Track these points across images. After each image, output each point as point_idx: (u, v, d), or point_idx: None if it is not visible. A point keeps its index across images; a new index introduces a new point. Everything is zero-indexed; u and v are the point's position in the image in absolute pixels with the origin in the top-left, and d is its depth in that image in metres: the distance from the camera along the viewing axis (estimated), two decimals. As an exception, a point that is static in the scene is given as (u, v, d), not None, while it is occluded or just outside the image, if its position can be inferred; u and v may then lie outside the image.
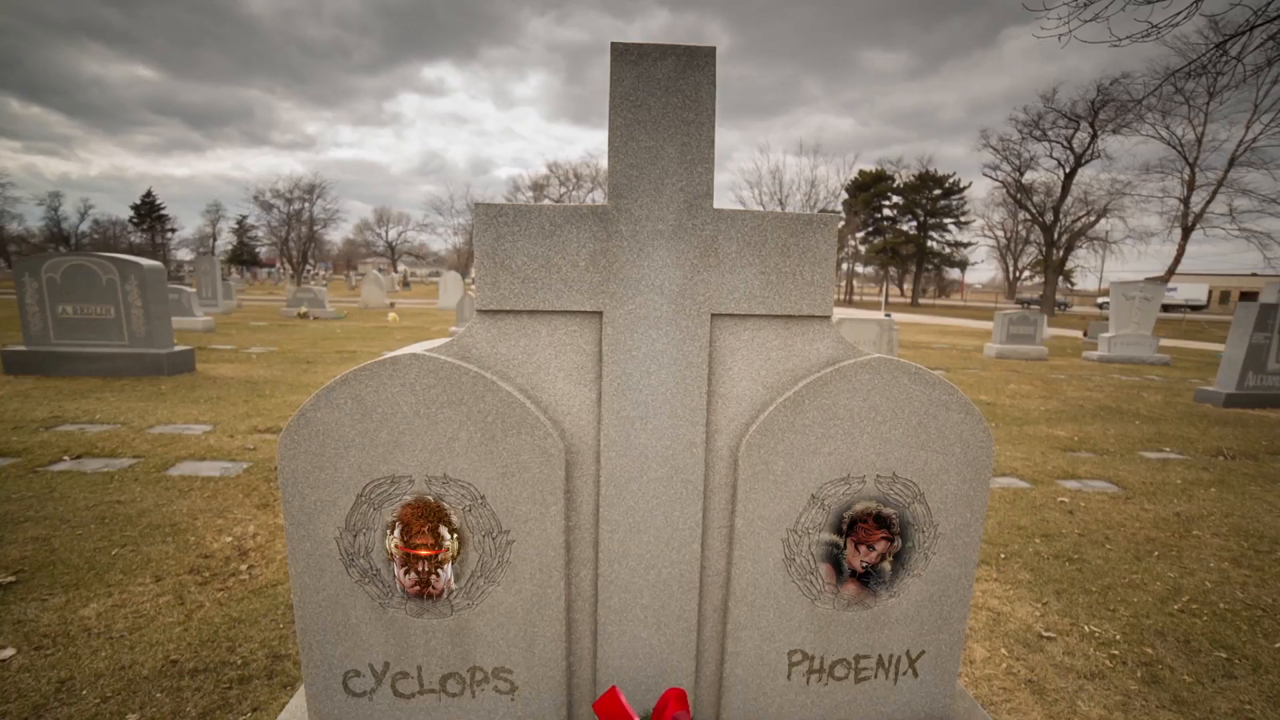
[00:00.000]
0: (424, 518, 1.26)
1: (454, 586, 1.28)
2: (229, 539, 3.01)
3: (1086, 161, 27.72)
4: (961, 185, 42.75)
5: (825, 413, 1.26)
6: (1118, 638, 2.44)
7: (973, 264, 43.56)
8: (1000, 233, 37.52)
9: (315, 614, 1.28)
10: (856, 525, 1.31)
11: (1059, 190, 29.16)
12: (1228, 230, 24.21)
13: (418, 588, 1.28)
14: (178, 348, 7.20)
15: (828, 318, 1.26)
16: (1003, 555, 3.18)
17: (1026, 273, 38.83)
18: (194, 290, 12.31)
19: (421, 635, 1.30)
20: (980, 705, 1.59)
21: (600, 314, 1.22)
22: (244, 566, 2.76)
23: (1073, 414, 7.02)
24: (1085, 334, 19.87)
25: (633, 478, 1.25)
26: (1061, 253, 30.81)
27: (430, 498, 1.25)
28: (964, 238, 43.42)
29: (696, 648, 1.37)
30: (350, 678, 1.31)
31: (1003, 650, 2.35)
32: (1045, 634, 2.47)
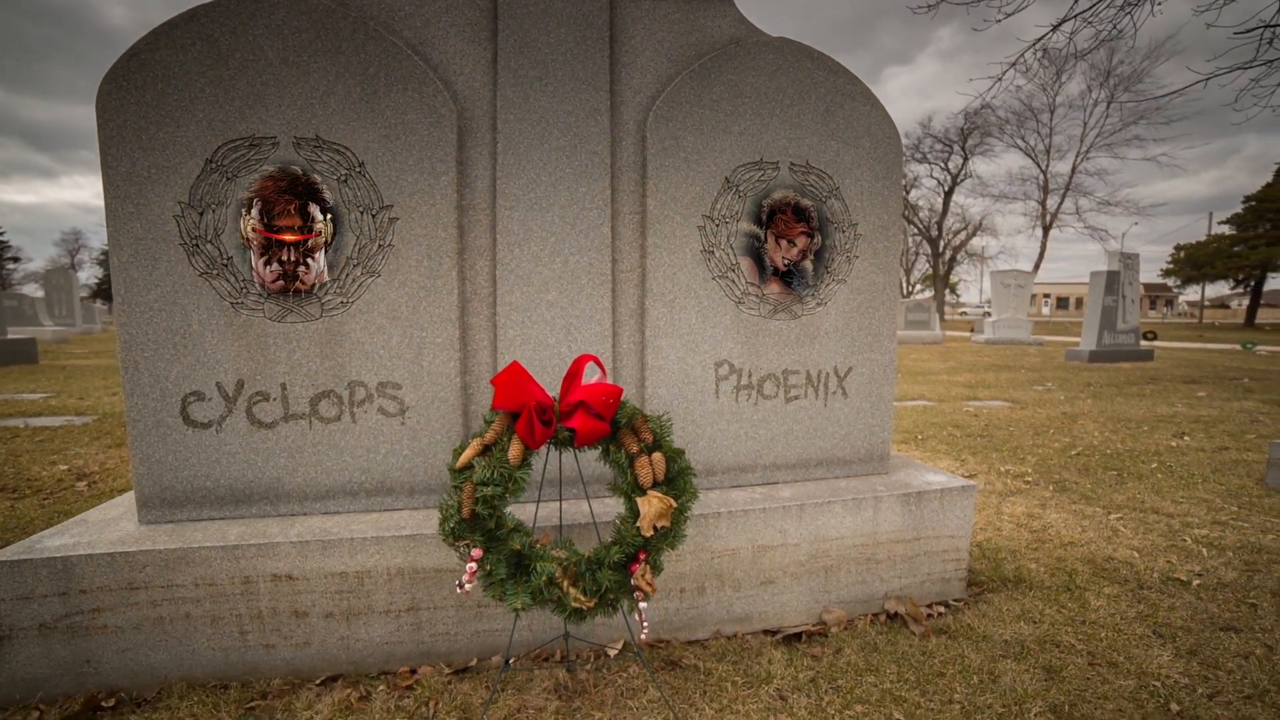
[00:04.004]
0: (290, 192, 1.07)
1: (326, 279, 1.09)
2: (64, 468, 2.51)
3: (961, 181, 31.25)
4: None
5: (733, 89, 1.21)
6: (1029, 473, 2.56)
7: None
8: (894, 252, 40.86)
9: (144, 320, 1.03)
10: (776, 216, 1.27)
11: (941, 208, 32.51)
12: (1077, 228, 28.12)
13: (281, 282, 1.08)
14: (13, 336, 6.17)
15: (731, -11, 1.24)
16: (920, 437, 3.29)
17: (919, 286, 42.51)
18: (42, 296, 10.69)
19: (285, 344, 1.09)
20: (915, 460, 1.56)
21: (490, -41, 1.11)
22: (81, 484, 2.30)
23: (969, 368, 7.61)
24: (973, 331, 21.85)
25: (533, 146, 1.14)
26: (947, 266, 34.13)
27: (298, 167, 1.06)
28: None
29: (613, 359, 1.24)
30: (191, 403, 1.06)
31: (926, 486, 2.38)
32: (967, 476, 2.54)
